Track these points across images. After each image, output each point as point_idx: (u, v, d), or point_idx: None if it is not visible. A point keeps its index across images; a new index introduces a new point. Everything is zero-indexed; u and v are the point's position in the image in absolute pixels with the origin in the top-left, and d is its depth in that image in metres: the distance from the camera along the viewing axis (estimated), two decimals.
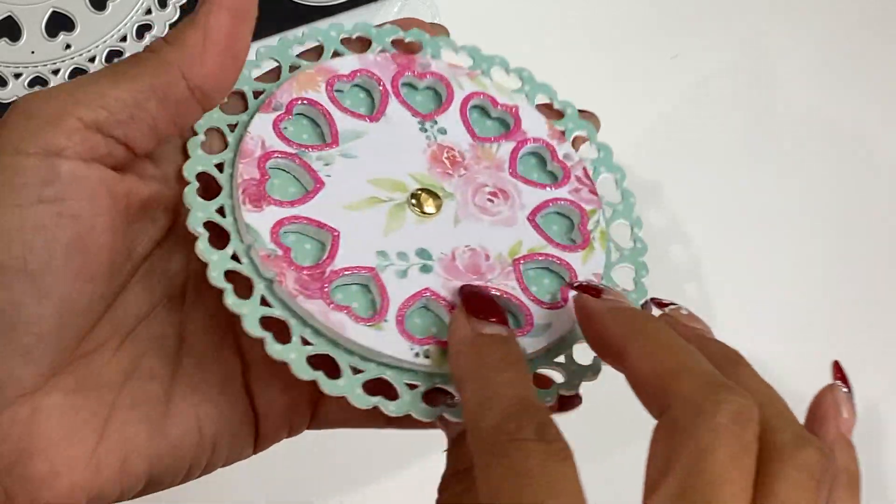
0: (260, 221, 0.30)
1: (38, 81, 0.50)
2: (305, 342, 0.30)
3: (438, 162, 0.33)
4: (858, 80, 0.58)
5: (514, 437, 0.25)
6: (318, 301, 0.30)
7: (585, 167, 0.35)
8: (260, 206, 0.31)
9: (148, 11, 0.52)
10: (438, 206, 0.33)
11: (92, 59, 0.51)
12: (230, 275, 0.30)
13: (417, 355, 0.30)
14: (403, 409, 0.30)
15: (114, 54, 0.51)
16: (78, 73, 0.51)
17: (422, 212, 0.32)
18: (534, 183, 0.34)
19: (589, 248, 0.34)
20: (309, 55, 0.35)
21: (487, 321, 0.29)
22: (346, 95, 0.34)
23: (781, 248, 0.55)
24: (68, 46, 0.51)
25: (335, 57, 0.34)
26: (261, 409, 0.32)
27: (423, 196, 0.32)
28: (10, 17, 0.51)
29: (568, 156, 0.35)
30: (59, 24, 0.51)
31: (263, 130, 0.32)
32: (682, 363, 0.26)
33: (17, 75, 0.51)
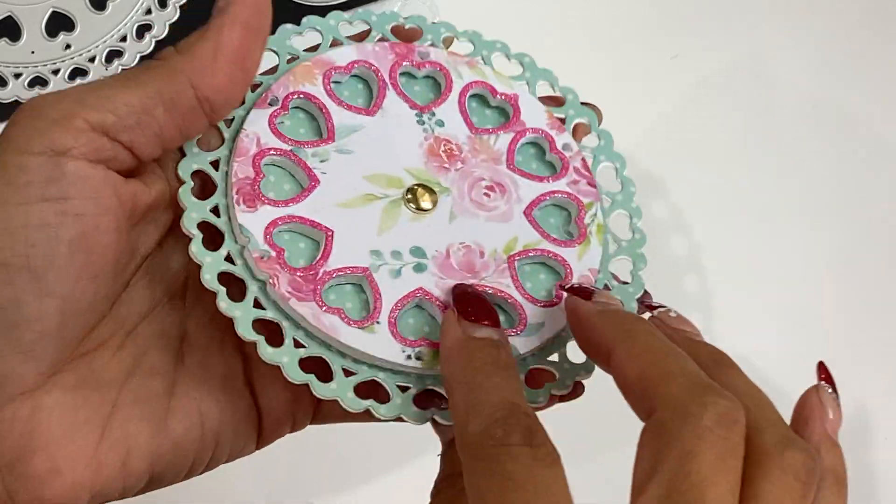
0: (254, 222, 0.30)
1: (38, 81, 0.51)
2: (298, 344, 0.30)
3: (435, 155, 0.33)
4: (858, 80, 0.58)
5: (501, 443, 0.25)
6: (310, 304, 0.30)
7: (584, 158, 0.35)
8: (254, 206, 0.31)
9: (148, 11, 0.52)
10: (434, 202, 0.32)
11: (92, 59, 0.51)
12: (225, 275, 0.30)
13: (409, 357, 0.30)
14: (394, 413, 0.30)
15: (114, 54, 0.51)
16: (78, 73, 0.51)
17: (417, 208, 0.32)
18: (531, 176, 0.34)
19: (585, 242, 0.33)
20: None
21: (479, 324, 0.29)
22: (344, 87, 0.34)
23: (781, 248, 0.55)
24: (68, 46, 0.51)
25: (334, 46, 0.34)
26: (263, 404, 0.32)
27: (419, 191, 0.32)
28: (10, 17, 0.51)
29: (567, 146, 0.35)
30: (59, 24, 0.51)
31: (259, 127, 0.32)
32: (669, 366, 0.27)
33: (17, 75, 0.51)
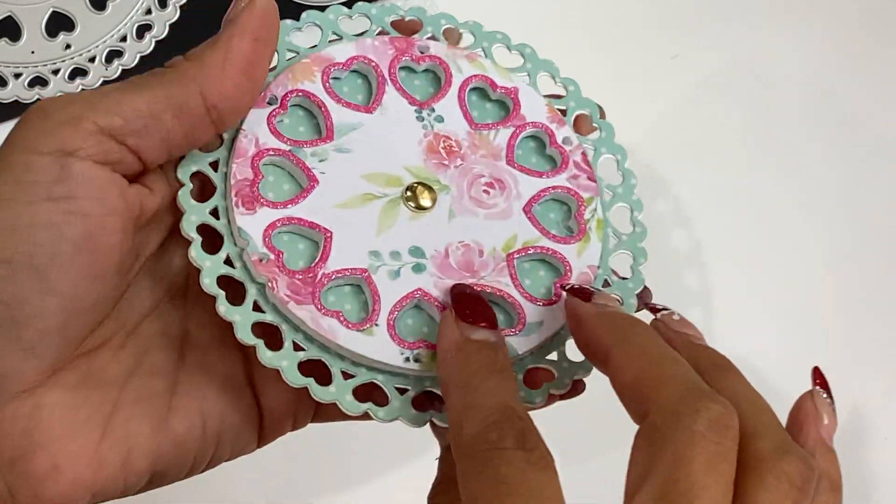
0: (252, 224, 0.30)
1: (38, 81, 0.51)
2: (298, 347, 0.30)
3: (434, 153, 0.33)
4: (858, 80, 0.58)
5: (494, 446, 0.26)
6: (308, 307, 0.30)
7: (584, 152, 0.34)
8: (253, 209, 0.31)
9: (148, 11, 0.52)
10: (434, 200, 0.32)
11: (92, 59, 0.51)
12: (225, 277, 0.30)
13: (408, 360, 0.30)
14: (393, 416, 0.30)
15: (114, 54, 0.51)
16: (78, 73, 0.51)
17: (416, 207, 0.32)
18: (531, 171, 0.34)
19: (585, 238, 0.33)
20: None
21: (476, 326, 0.29)
22: (344, 82, 0.34)
23: (781, 248, 0.55)
24: (68, 46, 0.51)
25: (333, 40, 0.34)
26: (265, 403, 0.32)
27: (418, 189, 0.32)
28: (10, 17, 0.51)
29: (567, 140, 0.34)
30: (59, 24, 0.51)
31: (258, 127, 0.32)
32: (663, 371, 0.27)
33: (17, 75, 0.51)
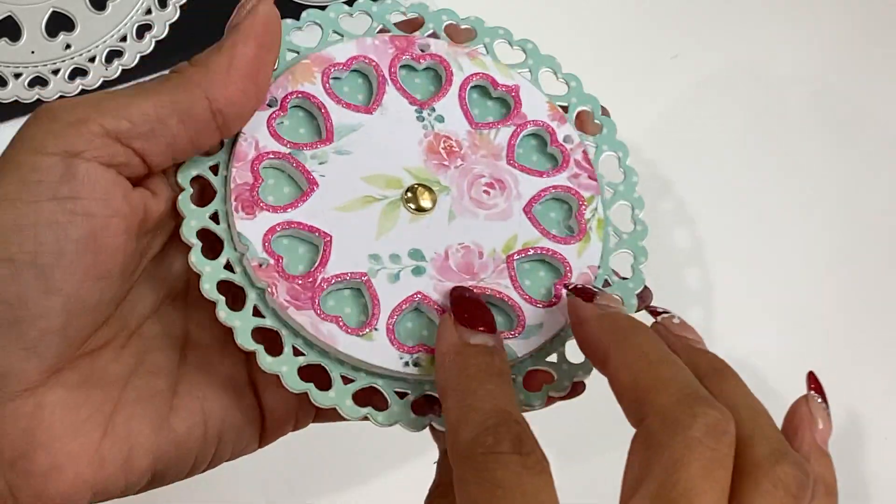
0: (252, 229, 0.30)
1: (38, 81, 0.51)
2: (297, 352, 0.30)
3: (435, 153, 0.33)
4: (858, 80, 0.58)
5: (490, 450, 0.26)
6: (308, 312, 0.30)
7: (585, 150, 0.34)
8: (252, 213, 0.31)
9: (148, 11, 0.52)
10: (434, 201, 0.32)
11: (92, 59, 0.51)
12: (226, 282, 0.30)
13: (407, 364, 0.30)
14: (392, 420, 0.30)
15: (114, 54, 0.51)
16: (78, 73, 0.51)
17: (416, 208, 0.32)
18: (531, 171, 0.34)
19: (585, 238, 0.33)
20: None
21: (475, 330, 0.29)
22: (344, 82, 0.34)
23: (781, 248, 0.55)
24: (68, 46, 0.51)
25: (334, 37, 0.34)
26: (266, 403, 0.32)
27: (419, 190, 0.32)
28: (10, 17, 0.51)
29: (568, 138, 0.34)
30: (59, 24, 0.51)
31: (257, 129, 0.32)
32: (661, 375, 0.27)
33: (17, 75, 0.51)
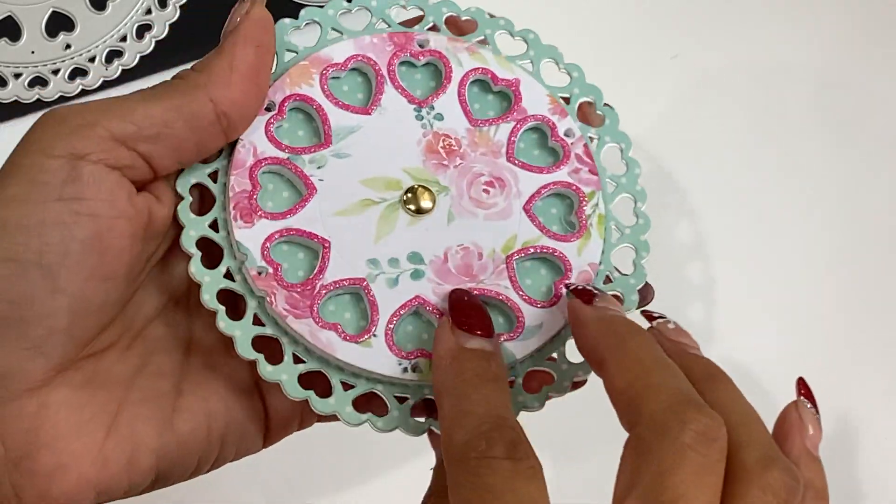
0: (251, 238, 0.31)
1: (38, 81, 0.51)
2: (298, 359, 0.31)
3: (434, 152, 0.33)
4: (859, 80, 0.58)
5: (483, 455, 0.26)
6: (306, 320, 0.30)
7: (586, 144, 0.34)
8: (251, 221, 0.31)
9: (148, 11, 0.52)
10: (433, 201, 0.32)
11: (92, 59, 0.51)
12: (225, 291, 0.30)
13: (406, 370, 0.31)
14: (392, 426, 0.31)
15: (114, 54, 0.51)
16: (78, 73, 0.51)
17: (416, 210, 0.32)
18: (531, 167, 0.34)
19: (585, 236, 0.33)
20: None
21: (472, 334, 0.29)
22: (343, 81, 0.34)
23: (781, 248, 0.55)
24: (68, 46, 0.51)
25: (333, 35, 0.34)
26: (271, 403, 0.32)
27: (419, 190, 0.32)
28: (10, 17, 0.51)
29: (569, 132, 0.34)
30: (59, 24, 0.51)
31: (255, 135, 0.32)
32: (654, 381, 0.27)
33: (17, 75, 0.51)
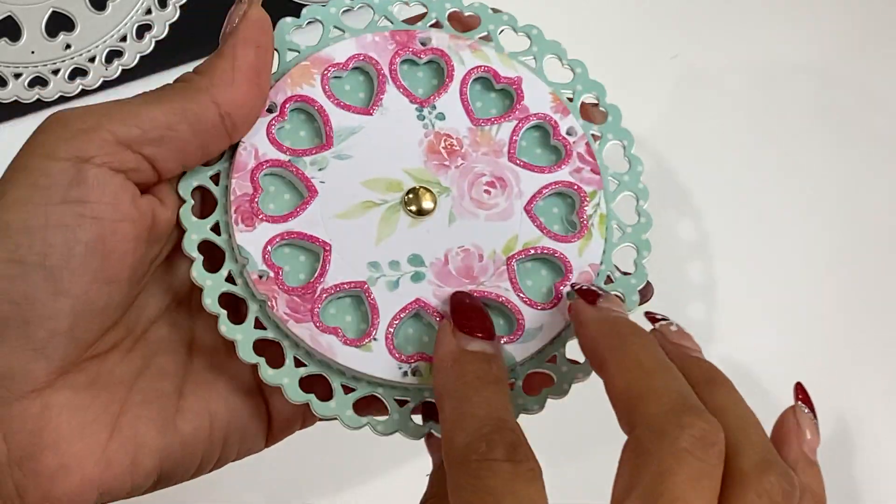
0: (252, 241, 0.31)
1: (38, 81, 0.51)
2: (299, 363, 0.31)
3: (435, 153, 0.33)
4: (859, 80, 0.58)
5: (484, 457, 0.26)
6: (307, 325, 0.30)
7: (588, 143, 0.34)
8: (252, 225, 0.31)
9: (148, 11, 0.52)
10: (434, 202, 0.32)
11: (92, 59, 0.51)
12: (228, 294, 0.31)
13: (406, 374, 0.31)
14: (392, 429, 0.31)
15: (114, 54, 0.51)
16: (78, 73, 0.51)
17: (416, 212, 0.32)
18: (533, 167, 0.33)
19: (586, 236, 0.33)
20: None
21: (473, 337, 0.29)
22: (345, 80, 0.34)
23: (781, 248, 0.55)
24: (68, 46, 0.51)
25: (335, 33, 0.33)
26: (274, 403, 0.32)
27: (420, 191, 0.32)
28: (10, 17, 0.51)
29: (571, 130, 0.34)
30: (59, 24, 0.51)
31: (257, 137, 0.32)
32: (653, 384, 0.27)
33: (17, 75, 0.51)
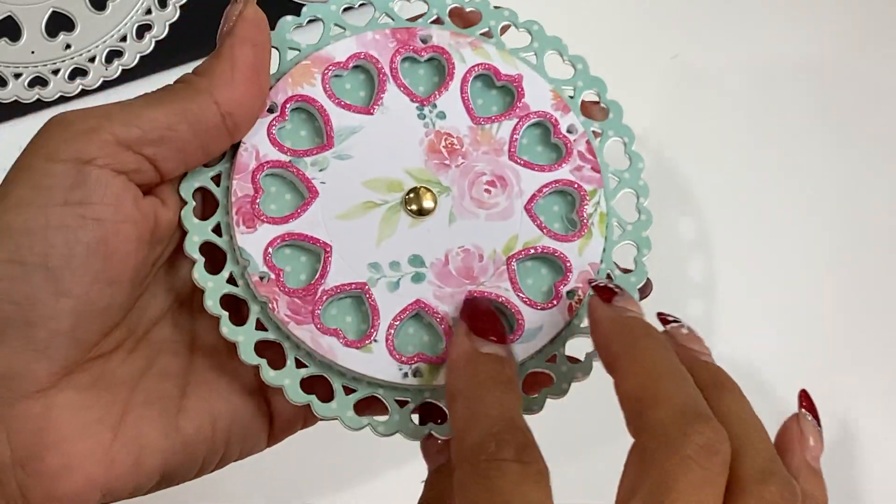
0: (253, 243, 0.31)
1: (38, 81, 0.51)
2: (300, 364, 0.31)
3: (436, 152, 0.33)
4: (859, 80, 0.58)
5: (493, 457, 0.26)
6: (308, 326, 0.30)
7: (589, 140, 0.34)
8: (253, 227, 0.31)
9: (148, 11, 0.52)
10: (435, 202, 0.32)
11: (92, 59, 0.51)
12: (229, 296, 0.31)
13: (406, 375, 0.31)
14: (392, 430, 0.31)
15: (114, 54, 0.51)
16: (78, 73, 0.51)
17: (417, 211, 0.32)
18: (533, 166, 0.33)
19: (586, 235, 0.33)
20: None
21: (487, 340, 0.30)
22: (346, 79, 0.33)
23: (781, 248, 0.55)
24: (68, 46, 0.51)
25: (336, 31, 0.33)
26: (276, 403, 0.32)
27: (420, 191, 0.32)
28: (10, 17, 0.51)
29: (572, 128, 0.34)
30: (59, 24, 0.51)
31: (258, 137, 0.32)
32: (661, 389, 0.27)
33: (17, 75, 0.51)
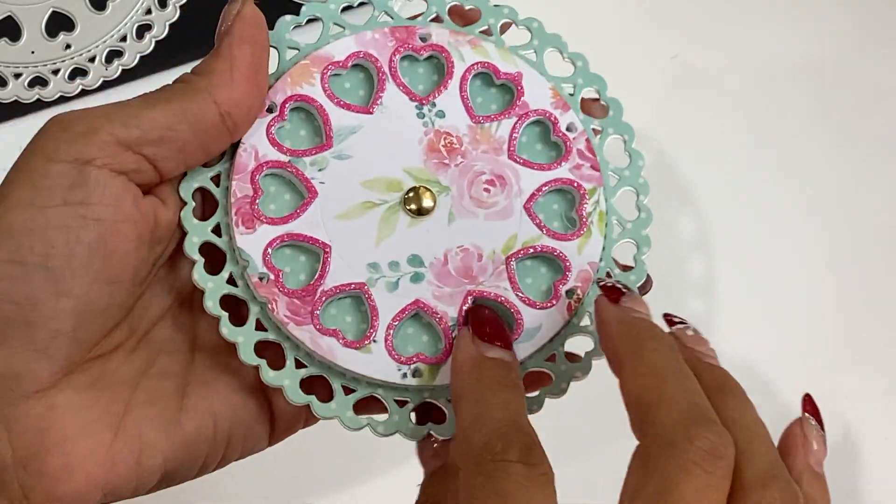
0: (252, 244, 0.31)
1: (38, 81, 0.51)
2: (300, 364, 0.31)
3: (435, 151, 0.33)
4: (859, 80, 0.58)
5: (499, 458, 0.26)
6: (307, 327, 0.31)
7: (588, 139, 0.34)
8: (252, 227, 0.31)
9: (148, 11, 0.52)
10: (434, 201, 0.32)
11: (92, 59, 0.51)
12: (229, 296, 0.31)
13: (405, 375, 0.31)
14: (392, 430, 0.31)
15: (114, 54, 0.51)
16: (78, 73, 0.51)
17: (416, 211, 0.32)
18: (533, 164, 0.33)
19: (586, 234, 0.33)
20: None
21: (492, 344, 0.30)
22: (345, 78, 0.33)
23: (781, 247, 0.55)
24: (68, 46, 0.51)
25: (335, 30, 0.33)
26: (277, 402, 0.32)
27: (420, 190, 0.32)
28: (10, 17, 0.51)
29: (571, 126, 0.34)
30: (59, 24, 0.51)
31: (257, 138, 0.32)
32: (666, 392, 0.27)
33: (17, 75, 0.51)
